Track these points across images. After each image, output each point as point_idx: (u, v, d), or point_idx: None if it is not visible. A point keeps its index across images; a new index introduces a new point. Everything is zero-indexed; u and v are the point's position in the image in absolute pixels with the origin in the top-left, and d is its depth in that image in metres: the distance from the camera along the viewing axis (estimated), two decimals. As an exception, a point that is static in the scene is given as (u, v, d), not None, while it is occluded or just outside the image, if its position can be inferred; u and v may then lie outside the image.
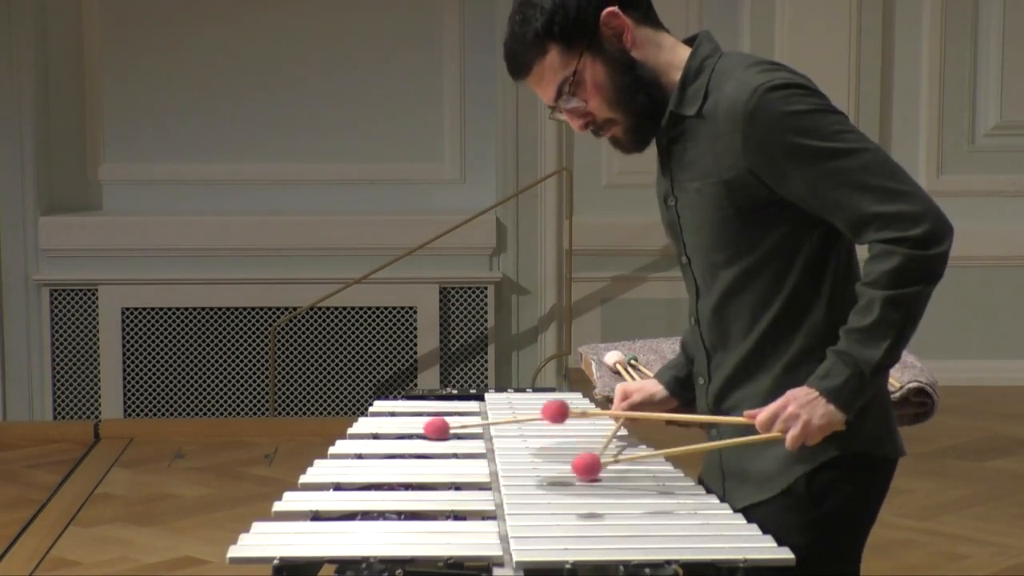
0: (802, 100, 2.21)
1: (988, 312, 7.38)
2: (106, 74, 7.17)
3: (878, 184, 2.18)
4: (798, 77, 2.27)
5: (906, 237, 2.17)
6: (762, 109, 2.20)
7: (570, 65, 2.30)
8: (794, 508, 2.27)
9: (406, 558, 1.99)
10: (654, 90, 2.31)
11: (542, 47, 2.30)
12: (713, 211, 2.29)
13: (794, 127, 2.19)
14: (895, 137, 7.35)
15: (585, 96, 2.32)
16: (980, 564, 4.75)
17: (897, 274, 2.17)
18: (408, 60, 7.21)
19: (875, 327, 2.18)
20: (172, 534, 5.14)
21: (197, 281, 6.99)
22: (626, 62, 2.30)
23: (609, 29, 2.29)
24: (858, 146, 2.19)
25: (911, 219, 2.18)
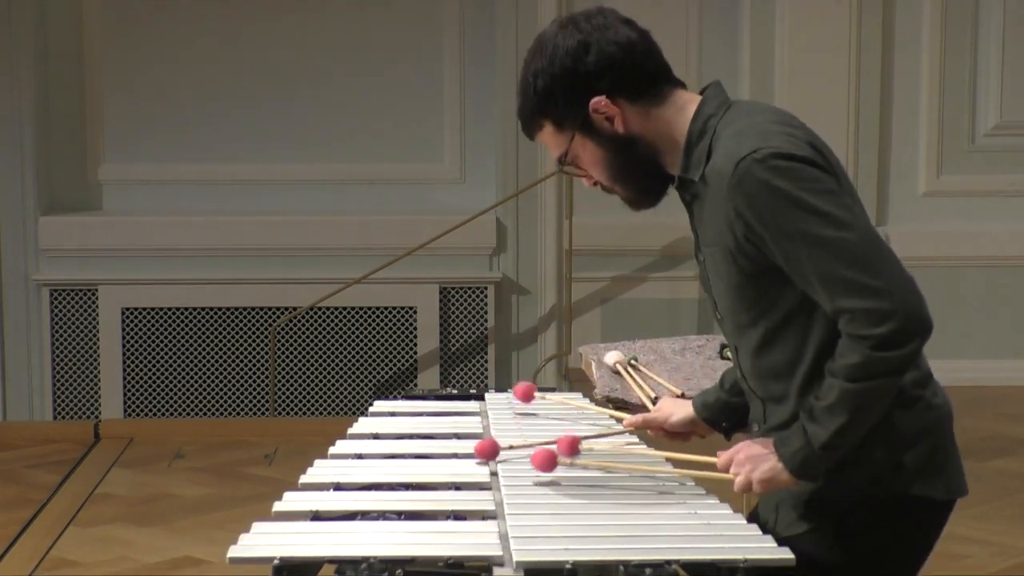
0: (785, 175, 2.14)
1: (988, 312, 7.37)
2: (106, 74, 7.16)
3: (850, 276, 2.13)
4: (792, 142, 2.19)
5: (869, 336, 2.13)
6: (744, 182, 2.16)
7: (563, 143, 2.35)
8: (825, 546, 2.26)
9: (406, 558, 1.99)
10: (652, 166, 2.33)
11: (537, 122, 2.36)
12: (727, 276, 2.29)
13: (773, 206, 2.15)
14: (895, 137, 7.35)
15: (583, 168, 2.38)
16: (980, 564, 4.75)
17: (856, 369, 2.15)
18: (408, 60, 7.21)
19: (828, 410, 2.17)
20: (172, 534, 5.14)
21: (197, 281, 6.99)
22: (620, 144, 2.32)
23: (599, 114, 2.30)
24: (835, 234, 2.13)
25: (879, 317, 2.12)
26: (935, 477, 2.28)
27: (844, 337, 2.16)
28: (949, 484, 2.31)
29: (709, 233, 2.29)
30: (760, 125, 2.22)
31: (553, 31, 2.33)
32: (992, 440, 6.36)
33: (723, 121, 2.27)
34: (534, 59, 2.33)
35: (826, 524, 2.26)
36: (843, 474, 2.23)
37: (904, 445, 2.25)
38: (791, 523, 2.29)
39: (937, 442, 2.30)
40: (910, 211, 7.35)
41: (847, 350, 2.16)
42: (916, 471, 2.26)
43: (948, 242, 7.32)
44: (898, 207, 7.36)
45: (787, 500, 2.31)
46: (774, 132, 2.20)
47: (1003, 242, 7.35)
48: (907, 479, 2.25)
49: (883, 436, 2.23)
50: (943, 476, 2.29)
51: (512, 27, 6.94)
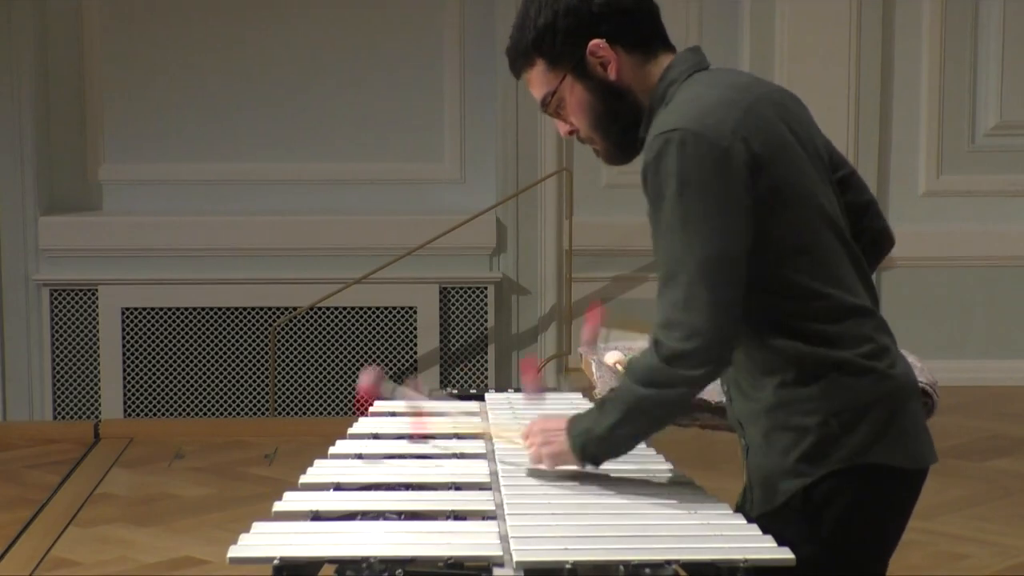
0: (682, 161, 2.16)
1: (988, 312, 7.38)
2: (106, 74, 7.17)
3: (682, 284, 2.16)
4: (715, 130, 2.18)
5: (666, 345, 2.18)
6: (650, 152, 2.20)
7: (552, 83, 2.34)
8: (794, 521, 2.25)
9: (406, 558, 1.99)
10: (631, 122, 2.33)
11: (530, 58, 2.35)
12: None
13: (658, 184, 2.19)
14: (895, 138, 7.35)
15: (566, 113, 2.36)
16: (980, 564, 4.74)
17: (645, 371, 2.22)
18: (408, 60, 7.21)
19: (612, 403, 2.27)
20: (172, 534, 5.14)
21: (197, 281, 6.99)
22: (608, 92, 2.32)
23: (595, 58, 2.31)
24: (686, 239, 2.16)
25: (684, 332, 2.17)
26: (894, 445, 2.26)
27: (650, 338, 2.22)
28: (910, 452, 2.29)
29: None
30: (702, 101, 2.23)
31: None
32: (992, 440, 6.36)
33: (681, 88, 2.29)
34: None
35: (794, 499, 2.25)
36: (799, 447, 2.24)
37: (857, 414, 2.24)
38: (761, 500, 2.30)
39: (895, 410, 2.27)
40: (910, 211, 7.35)
41: (645, 352, 2.23)
42: (873, 439, 2.24)
43: (948, 242, 7.33)
44: (898, 207, 7.35)
45: (756, 480, 2.31)
46: (708, 111, 2.20)
47: (1003, 242, 7.35)
48: (864, 447, 2.24)
49: (836, 406, 2.23)
50: (902, 444, 2.28)
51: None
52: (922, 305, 7.25)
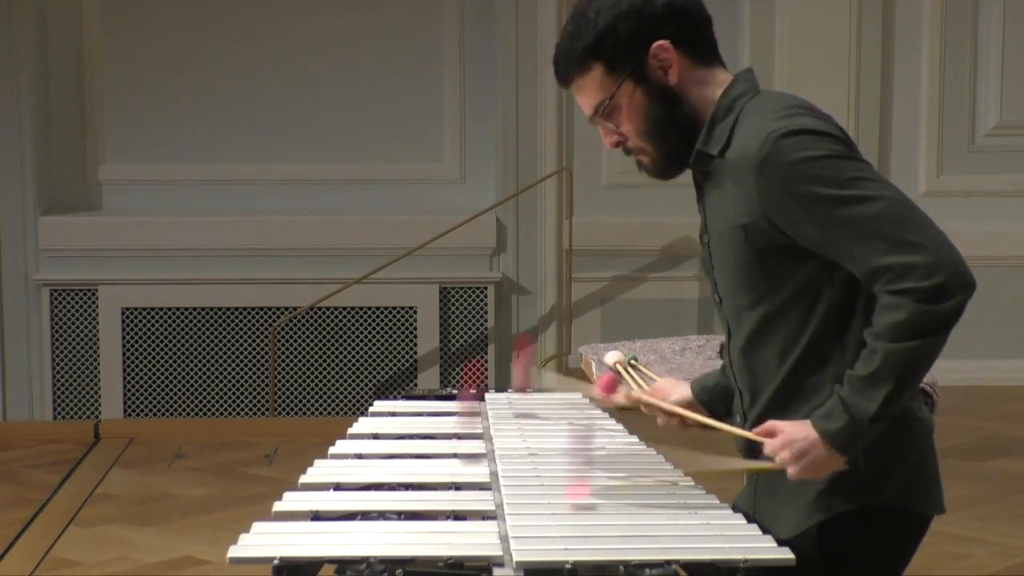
0: (815, 146, 2.14)
1: (988, 312, 7.36)
2: (106, 74, 7.17)
3: (890, 234, 2.10)
4: (819, 122, 2.19)
5: (914, 289, 2.09)
6: (773, 156, 2.14)
7: (610, 88, 2.27)
8: (806, 557, 2.20)
9: (406, 558, 1.99)
10: (688, 129, 2.28)
11: (586, 64, 2.27)
12: (735, 255, 2.26)
13: (804, 175, 2.13)
14: (895, 138, 7.35)
15: (619, 121, 2.29)
16: (980, 564, 4.74)
17: (902, 327, 2.10)
18: (408, 60, 7.21)
19: (873, 378, 2.12)
20: (172, 534, 5.14)
21: (197, 281, 6.99)
22: (667, 97, 2.27)
23: (656, 61, 2.26)
24: (872, 193, 2.12)
25: (922, 271, 2.09)
26: (920, 491, 2.27)
27: (885, 297, 2.11)
28: (931, 499, 2.30)
29: (721, 211, 2.27)
30: (786, 108, 2.22)
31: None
32: (992, 440, 6.36)
33: (751, 103, 2.26)
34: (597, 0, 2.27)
35: (809, 533, 2.22)
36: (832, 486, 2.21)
37: (892, 456, 2.23)
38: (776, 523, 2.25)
39: (924, 456, 2.28)
40: (910, 211, 7.35)
41: (889, 309, 2.11)
42: (902, 483, 2.25)
43: (948, 242, 7.32)
44: (898, 207, 7.35)
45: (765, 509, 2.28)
46: (800, 113, 2.21)
47: (1003, 242, 7.35)
48: (893, 490, 2.24)
49: (875, 447, 2.19)
50: (926, 491, 2.29)
51: (512, 27, 6.94)
52: (922, 305, 7.25)
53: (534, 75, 6.99)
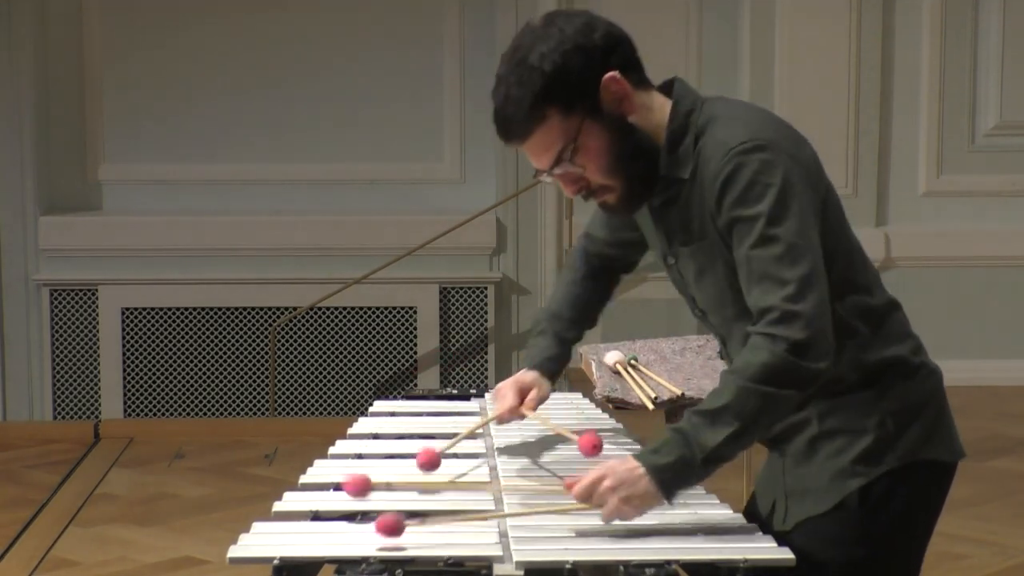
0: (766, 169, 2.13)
1: (988, 312, 7.37)
2: (106, 74, 7.16)
3: (789, 278, 2.10)
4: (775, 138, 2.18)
5: (788, 338, 2.09)
6: (727, 170, 2.15)
7: (569, 131, 2.21)
8: (849, 521, 2.26)
9: (406, 558, 1.99)
10: (649, 157, 2.25)
11: (541, 111, 2.20)
12: (712, 271, 2.26)
13: (746, 194, 2.14)
14: (895, 138, 7.35)
15: (583, 162, 2.24)
16: (980, 564, 4.75)
17: (764, 369, 2.09)
18: (408, 60, 7.21)
19: (721, 412, 2.10)
20: (172, 534, 5.14)
21: (197, 281, 6.98)
22: (625, 129, 2.23)
23: (609, 94, 2.22)
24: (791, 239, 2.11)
25: (804, 325, 2.09)
26: (942, 441, 2.33)
27: (757, 338, 2.11)
28: (952, 446, 2.36)
29: (692, 230, 2.26)
30: (747, 116, 2.23)
31: (542, 23, 2.24)
32: (992, 440, 6.36)
33: (703, 115, 2.25)
34: (534, 47, 2.19)
35: (850, 499, 2.26)
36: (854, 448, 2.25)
37: (914, 412, 2.28)
38: (808, 507, 2.28)
39: (941, 406, 2.34)
40: (910, 211, 7.35)
41: (757, 349, 2.11)
42: (926, 436, 2.29)
43: (948, 242, 7.32)
44: (898, 207, 7.35)
45: (795, 489, 2.30)
46: (761, 124, 2.21)
47: (1003, 242, 7.34)
48: (918, 445, 2.28)
49: (893, 406, 2.26)
50: (948, 439, 2.35)
51: (512, 27, 6.93)
52: (922, 305, 7.23)
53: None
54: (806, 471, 2.29)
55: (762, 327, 2.12)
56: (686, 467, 2.10)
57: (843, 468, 2.25)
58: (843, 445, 2.26)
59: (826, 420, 2.27)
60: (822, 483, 2.27)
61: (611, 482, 2.10)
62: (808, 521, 2.27)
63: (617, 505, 2.10)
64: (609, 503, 2.10)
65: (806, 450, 2.29)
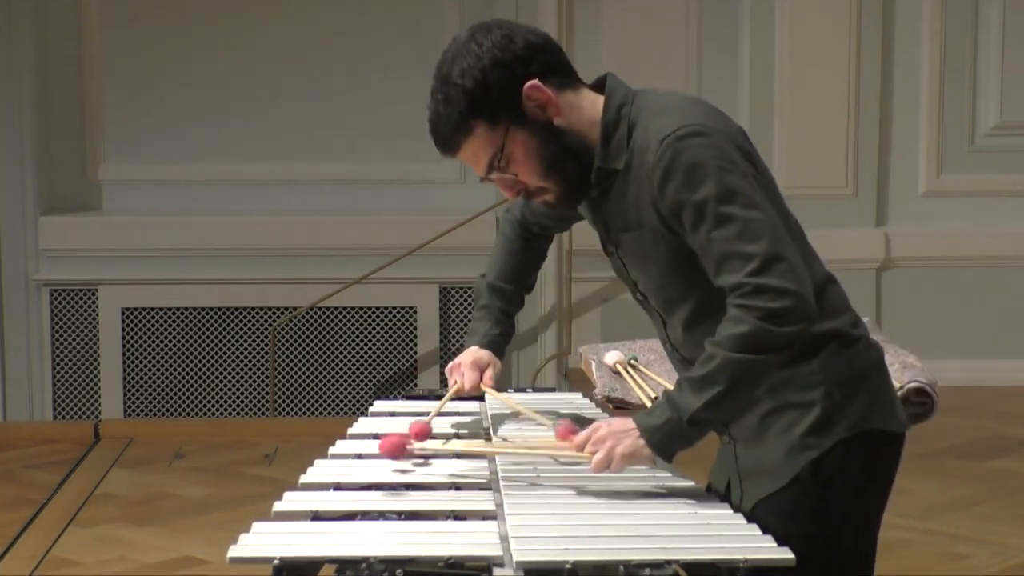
0: (705, 151, 2.22)
1: (988, 312, 7.38)
2: (106, 74, 7.16)
3: (751, 252, 2.20)
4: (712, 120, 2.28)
5: (762, 308, 2.18)
6: (665, 158, 2.22)
7: (496, 141, 2.32)
8: (805, 494, 2.32)
9: (406, 558, 1.99)
10: (581, 155, 2.34)
11: (467, 126, 2.31)
12: (657, 255, 2.34)
13: (690, 180, 2.22)
14: (895, 137, 7.35)
15: (515, 169, 2.34)
16: (980, 564, 4.75)
17: (742, 339, 2.19)
18: (408, 60, 7.20)
19: (704, 380, 2.22)
20: (172, 534, 5.15)
21: (197, 281, 6.99)
22: (552, 132, 2.32)
23: (532, 101, 2.31)
24: (744, 213, 2.20)
25: (773, 293, 2.18)
26: (887, 411, 2.38)
27: (733, 310, 2.21)
28: (899, 417, 2.41)
29: (630, 217, 2.34)
30: (677, 105, 2.30)
31: (465, 37, 2.34)
32: (992, 440, 6.36)
33: (635, 107, 2.33)
34: (455, 63, 2.30)
35: (803, 473, 2.31)
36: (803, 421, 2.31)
37: (858, 382, 2.34)
38: (764, 486, 2.35)
39: (882, 378, 2.40)
40: (910, 211, 7.35)
41: (734, 321, 2.20)
42: (872, 406, 2.35)
43: (948, 242, 7.33)
44: (898, 207, 7.36)
45: (749, 469, 2.37)
46: (692, 110, 2.28)
47: (1003, 242, 7.35)
48: (866, 414, 2.34)
49: (838, 376, 2.32)
50: (892, 409, 2.40)
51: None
52: (922, 305, 7.25)
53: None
54: (759, 450, 2.35)
55: (736, 299, 2.21)
56: (674, 428, 2.23)
57: (794, 443, 2.32)
58: (792, 420, 2.32)
59: (774, 396, 2.33)
60: (775, 460, 2.33)
61: (605, 432, 2.27)
62: (765, 499, 2.33)
63: (607, 454, 2.25)
64: (601, 451, 2.26)
65: (757, 429, 2.35)
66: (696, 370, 2.23)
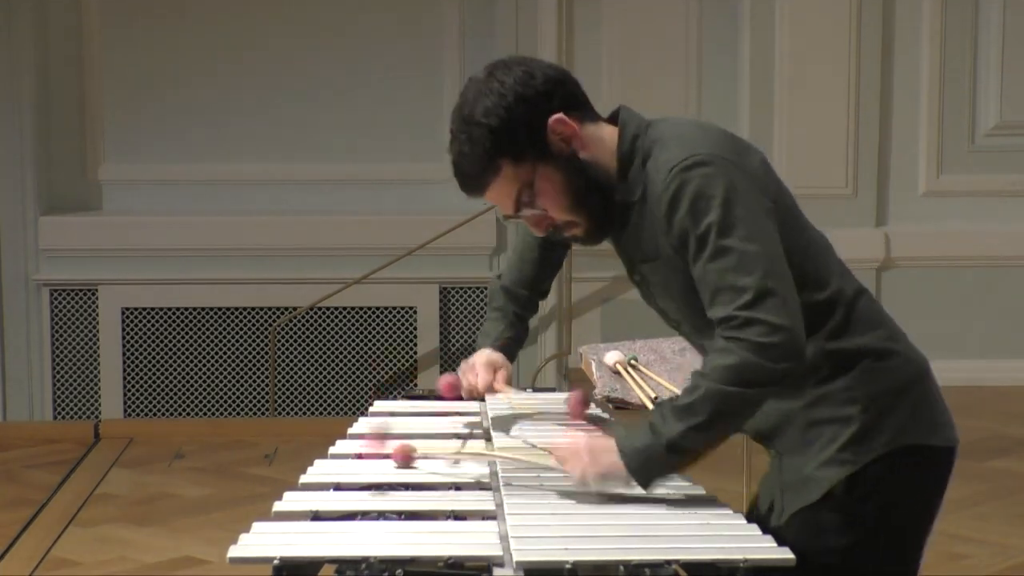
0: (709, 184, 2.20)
1: (988, 312, 7.37)
2: (106, 74, 7.16)
3: (746, 286, 2.17)
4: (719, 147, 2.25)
5: (752, 341, 2.16)
6: (671, 189, 2.22)
7: (523, 177, 2.32)
8: (838, 509, 2.30)
9: (406, 558, 1.99)
10: (606, 187, 2.34)
11: (494, 165, 2.32)
12: (677, 283, 2.32)
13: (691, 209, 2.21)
14: (895, 137, 7.35)
15: (543, 203, 2.34)
16: (980, 564, 4.75)
17: (729, 371, 2.17)
18: (408, 60, 7.21)
19: (686, 409, 2.20)
20: (172, 534, 5.14)
21: (197, 281, 6.99)
22: (577, 166, 2.32)
23: (557, 135, 2.31)
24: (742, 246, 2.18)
25: (766, 328, 2.16)
26: (929, 425, 2.34)
27: (721, 341, 2.19)
28: (943, 431, 2.37)
29: (648, 247, 2.34)
30: (692, 134, 2.29)
31: (483, 76, 2.34)
32: (992, 440, 6.36)
33: (647, 138, 2.32)
34: (478, 102, 2.30)
35: (837, 488, 2.29)
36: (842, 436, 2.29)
37: (894, 397, 2.31)
38: (800, 498, 2.33)
39: (924, 391, 2.36)
40: (910, 211, 7.35)
41: (722, 352, 2.18)
42: (912, 421, 2.32)
43: (948, 242, 7.32)
44: (898, 207, 7.35)
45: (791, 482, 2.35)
46: (698, 139, 2.27)
47: (1003, 242, 7.34)
48: (905, 429, 2.31)
49: (874, 391, 2.30)
50: (934, 423, 2.36)
51: (512, 28, 6.94)
52: (922, 305, 7.25)
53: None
54: (800, 462, 2.34)
55: (725, 332, 2.19)
56: (653, 454, 2.21)
57: (831, 457, 2.30)
58: (832, 434, 2.30)
59: (812, 411, 2.32)
60: (812, 473, 2.31)
61: (583, 447, 2.27)
62: (800, 511, 2.32)
63: (583, 470, 2.24)
64: (578, 468, 2.25)
65: (799, 441, 2.34)
66: (680, 399, 2.22)
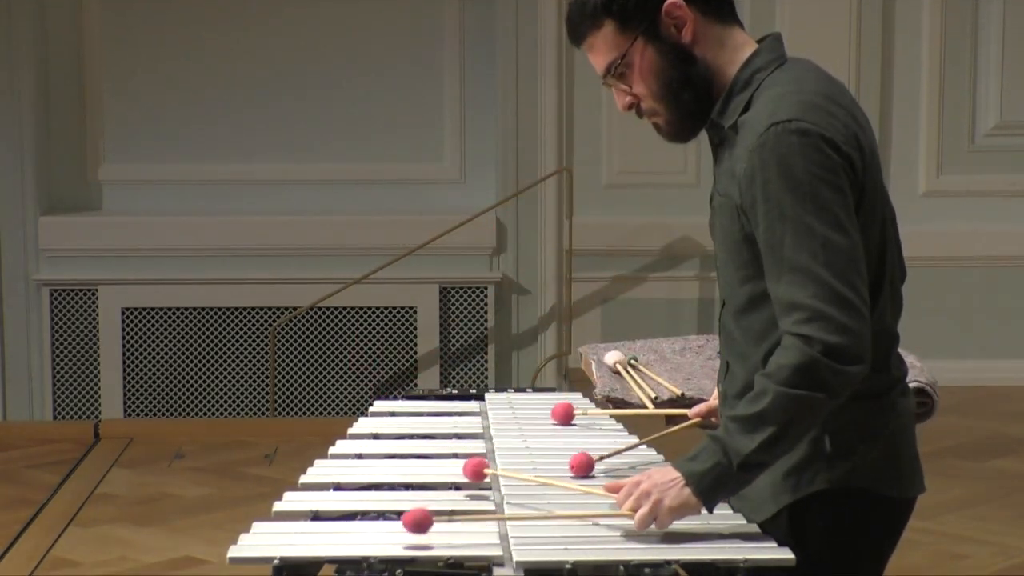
0: (807, 154, 2.07)
1: (988, 312, 7.38)
2: (106, 74, 7.16)
3: (825, 278, 2.05)
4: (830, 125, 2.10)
5: (822, 340, 2.03)
6: (767, 145, 2.09)
7: (622, 46, 2.21)
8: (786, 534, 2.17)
9: (406, 558, 1.99)
10: (702, 90, 2.22)
11: (598, 20, 2.21)
12: (728, 231, 2.21)
13: (781, 178, 2.08)
14: (895, 137, 7.35)
15: (631, 81, 2.23)
16: (980, 564, 4.75)
17: (801, 372, 2.04)
18: (408, 60, 7.21)
19: (757, 418, 2.05)
20: (172, 534, 5.14)
21: (197, 281, 6.99)
22: (681, 56, 2.20)
23: (670, 18, 2.19)
24: (827, 232, 2.06)
25: (834, 326, 2.03)
26: (890, 474, 2.21)
27: (789, 338, 2.06)
28: (904, 483, 2.24)
29: (723, 182, 2.22)
30: (805, 93, 2.14)
31: None
32: (992, 440, 6.36)
33: (771, 78, 2.19)
34: None
35: (781, 515, 2.19)
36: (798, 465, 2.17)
37: (857, 440, 2.18)
38: (754, 511, 2.21)
39: (896, 441, 2.22)
40: (910, 211, 7.34)
41: (787, 350, 2.06)
42: (871, 466, 2.19)
43: (948, 242, 7.33)
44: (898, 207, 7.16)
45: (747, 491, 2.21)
46: (816, 106, 2.12)
47: (1003, 242, 7.35)
48: (860, 472, 2.18)
49: (836, 427, 2.16)
50: (898, 474, 2.23)
51: (512, 28, 6.94)
52: (922, 305, 7.25)
53: (534, 75, 6.99)
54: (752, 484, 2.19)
55: (793, 326, 2.06)
56: (723, 473, 2.07)
57: (776, 480, 2.19)
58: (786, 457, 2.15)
59: None
60: (762, 491, 2.20)
61: (648, 486, 2.09)
62: None
63: (652, 509, 2.07)
64: (644, 507, 2.07)
65: None
66: (745, 407, 2.06)
